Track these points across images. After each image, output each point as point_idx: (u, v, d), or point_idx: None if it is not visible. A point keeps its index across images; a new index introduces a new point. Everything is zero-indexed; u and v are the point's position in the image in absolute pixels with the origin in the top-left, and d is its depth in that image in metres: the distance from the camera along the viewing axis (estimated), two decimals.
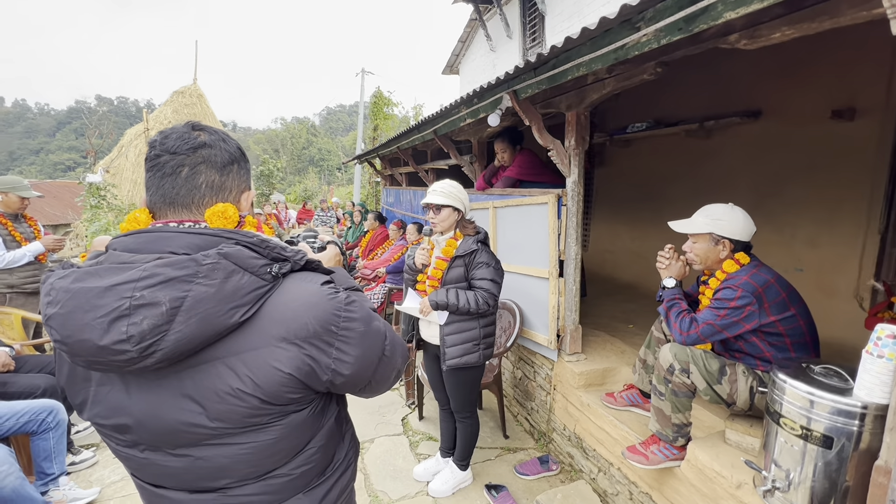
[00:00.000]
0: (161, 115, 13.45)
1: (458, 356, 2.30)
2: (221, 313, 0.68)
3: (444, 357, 2.31)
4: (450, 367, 2.31)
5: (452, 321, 2.30)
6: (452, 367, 2.31)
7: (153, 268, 0.65)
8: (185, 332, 0.65)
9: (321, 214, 11.06)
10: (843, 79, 2.92)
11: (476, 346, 2.33)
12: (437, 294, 2.25)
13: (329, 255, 1.15)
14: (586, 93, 2.45)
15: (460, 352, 2.30)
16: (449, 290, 2.25)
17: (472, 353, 2.32)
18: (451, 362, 2.30)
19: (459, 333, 2.31)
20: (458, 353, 2.30)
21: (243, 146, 0.93)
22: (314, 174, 29.37)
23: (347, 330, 0.79)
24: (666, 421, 1.94)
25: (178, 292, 0.65)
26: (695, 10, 1.35)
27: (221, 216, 0.79)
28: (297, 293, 0.77)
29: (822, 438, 1.38)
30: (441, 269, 2.32)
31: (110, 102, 67.37)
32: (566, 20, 5.95)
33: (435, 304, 2.25)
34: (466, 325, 2.31)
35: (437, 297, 2.24)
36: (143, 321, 0.63)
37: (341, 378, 0.80)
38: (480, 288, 2.26)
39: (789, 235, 3.33)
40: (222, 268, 0.69)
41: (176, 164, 0.79)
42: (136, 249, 0.72)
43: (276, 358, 0.72)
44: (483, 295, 2.24)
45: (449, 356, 2.31)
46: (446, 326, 2.31)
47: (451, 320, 2.30)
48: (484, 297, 2.24)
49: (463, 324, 2.31)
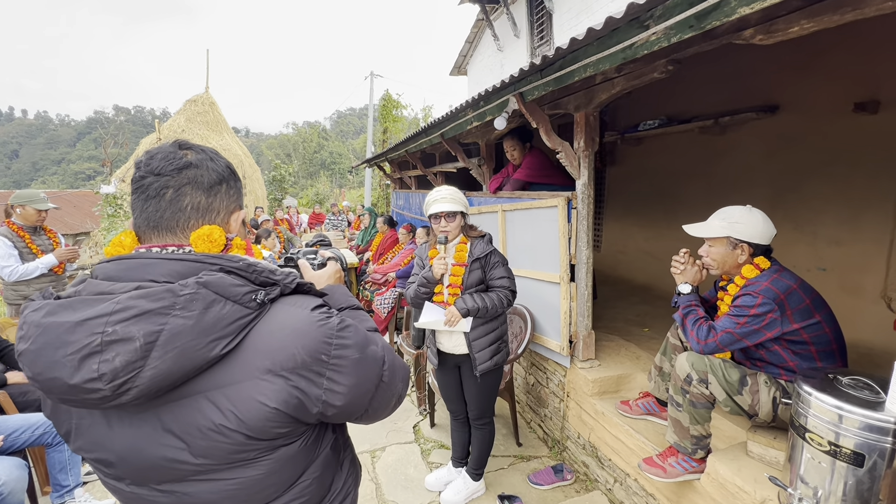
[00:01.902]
0: (174, 124, 13.64)
1: (488, 359, 2.30)
2: (200, 346, 0.64)
3: (476, 363, 2.29)
4: (482, 371, 2.29)
5: (476, 325, 2.28)
6: (485, 371, 2.29)
7: (127, 300, 0.62)
8: (162, 367, 0.62)
9: (332, 218, 11.10)
10: (865, 70, 2.80)
11: (503, 345, 2.39)
12: (465, 300, 2.23)
13: (329, 272, 1.11)
14: (595, 93, 2.38)
15: (490, 354, 2.31)
16: (473, 296, 2.24)
17: (501, 353, 2.37)
18: (484, 366, 2.29)
19: (485, 336, 2.30)
20: (488, 357, 2.31)
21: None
22: (326, 178, 29.54)
23: (340, 358, 0.75)
24: (684, 433, 1.87)
25: (152, 326, 0.61)
26: (706, 6, 1.28)
27: (207, 240, 0.76)
28: (284, 321, 0.73)
29: (852, 455, 1.30)
30: (459, 276, 2.27)
31: (127, 112, 68.90)
32: (574, 17, 5.86)
33: (466, 311, 2.22)
34: (489, 327, 2.31)
35: (467, 303, 2.22)
36: (115, 358, 0.59)
37: (333, 409, 0.76)
38: (501, 287, 2.28)
39: (811, 233, 3.21)
40: (201, 298, 0.65)
41: (160, 186, 0.76)
42: (116, 277, 0.69)
43: (260, 392, 0.69)
44: (505, 293, 2.27)
45: (480, 361, 2.29)
46: (472, 332, 2.28)
47: (475, 325, 2.28)
48: (506, 295, 2.27)
49: (486, 326, 2.30)
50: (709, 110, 3.71)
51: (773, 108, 3.33)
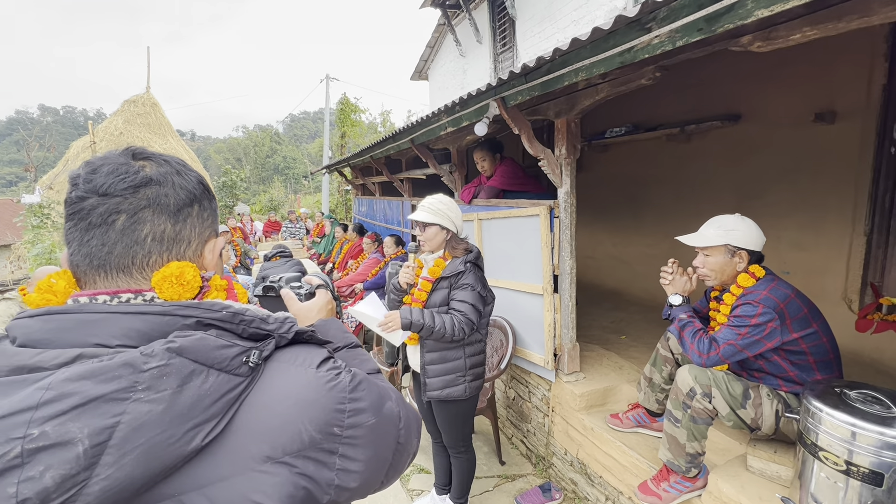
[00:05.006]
0: (111, 127, 12.61)
1: (439, 388, 2.09)
2: (174, 440, 0.46)
3: (425, 388, 2.10)
4: (430, 398, 2.11)
5: (434, 349, 2.09)
6: (433, 398, 2.11)
7: (63, 382, 0.42)
8: (118, 476, 0.42)
9: (290, 226, 10.62)
10: (822, 81, 2.92)
11: (461, 378, 2.10)
12: (412, 312, 1.97)
13: (319, 303, 0.93)
14: (578, 99, 2.32)
15: (441, 384, 2.09)
16: (426, 311, 2.00)
17: (456, 386, 2.09)
18: (432, 394, 2.09)
19: (442, 364, 2.09)
20: (439, 385, 2.09)
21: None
22: (279, 183, 28.44)
23: (354, 427, 0.58)
24: (679, 450, 1.81)
25: (103, 419, 0.42)
26: (718, 8, 1.22)
27: (176, 282, 0.57)
28: (284, 388, 0.55)
29: (869, 474, 1.27)
30: (426, 291, 2.10)
31: (55, 112, 63.29)
32: (537, 24, 5.89)
33: (408, 323, 1.93)
34: (450, 355, 2.09)
35: (412, 314, 1.95)
36: (44, 474, 0.40)
37: (347, 493, 0.58)
38: (457, 310, 1.99)
39: (774, 238, 3.31)
40: (174, 371, 0.47)
41: (107, 211, 0.55)
42: (44, 342, 0.49)
43: (256, 488, 0.50)
44: (458, 319, 1.96)
45: (430, 387, 2.09)
46: (428, 354, 2.09)
47: (433, 349, 2.09)
48: (459, 322, 1.96)
49: (447, 352, 2.09)
50: (674, 118, 3.79)
51: (736, 116, 3.43)
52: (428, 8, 8.02)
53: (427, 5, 7.95)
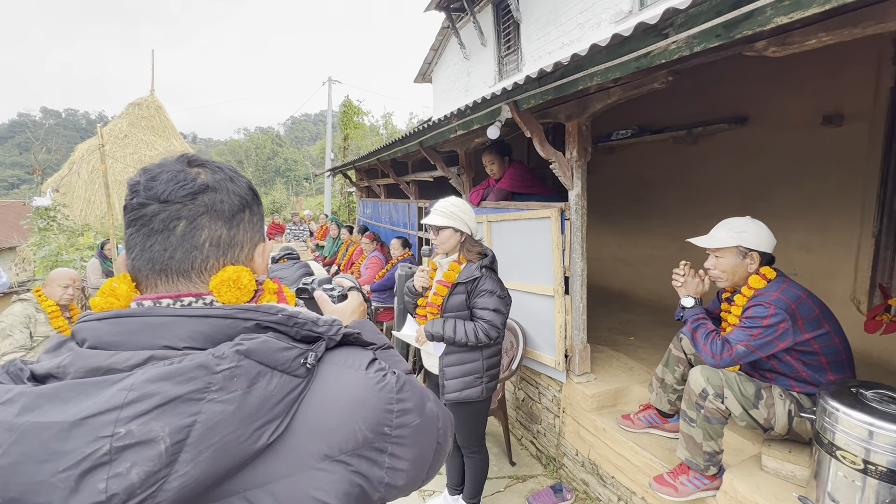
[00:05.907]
0: (116, 129, 12.68)
1: (457, 390, 2.12)
2: (244, 438, 0.48)
3: (443, 390, 2.13)
4: (448, 400, 2.14)
5: (452, 352, 2.12)
6: (451, 401, 2.13)
7: (144, 383, 0.45)
8: (194, 473, 0.45)
9: (293, 228, 10.65)
10: (830, 84, 2.94)
11: (478, 380, 2.13)
12: (434, 324, 2.06)
13: (352, 305, 0.95)
14: (589, 102, 2.34)
15: (460, 385, 2.12)
16: (447, 321, 2.07)
17: (474, 388, 2.12)
18: (450, 396, 2.12)
19: (460, 366, 2.12)
20: (457, 387, 2.12)
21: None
22: (281, 185, 28.51)
23: (402, 427, 0.60)
24: (697, 449, 1.82)
25: (181, 419, 0.45)
26: (738, 14, 1.24)
27: (234, 286, 0.59)
28: (338, 389, 0.58)
29: (887, 473, 1.28)
30: (441, 296, 2.13)
31: (57, 115, 63.52)
32: (542, 27, 5.91)
33: (430, 336, 2.07)
34: (468, 357, 2.12)
35: (433, 327, 2.05)
36: (130, 470, 0.42)
37: (394, 492, 0.61)
38: (482, 319, 2.05)
39: (782, 239, 3.28)
40: (244, 372, 0.49)
41: (169, 217, 0.58)
42: (115, 344, 0.51)
43: (316, 486, 0.52)
44: (484, 326, 2.02)
45: (448, 389, 2.12)
46: (446, 357, 2.13)
47: (451, 351, 2.12)
48: (485, 329, 2.02)
49: (464, 355, 2.12)
50: (681, 121, 3.81)
51: (743, 119, 3.45)
52: (432, 11, 8.06)
53: (431, 8, 7.99)
